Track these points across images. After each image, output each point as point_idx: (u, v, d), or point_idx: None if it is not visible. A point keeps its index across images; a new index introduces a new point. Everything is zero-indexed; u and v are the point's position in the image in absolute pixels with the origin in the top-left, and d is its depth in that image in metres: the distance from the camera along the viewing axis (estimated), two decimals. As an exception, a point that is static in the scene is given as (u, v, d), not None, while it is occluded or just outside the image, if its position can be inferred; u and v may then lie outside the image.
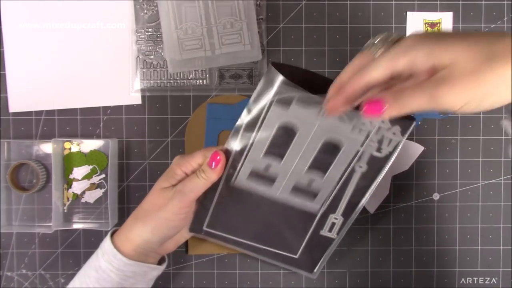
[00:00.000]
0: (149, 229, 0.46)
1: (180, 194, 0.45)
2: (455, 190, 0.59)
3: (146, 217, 0.46)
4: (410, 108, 0.34)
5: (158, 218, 0.46)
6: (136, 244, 0.46)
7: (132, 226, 0.47)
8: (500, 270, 0.60)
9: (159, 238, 0.47)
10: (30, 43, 0.57)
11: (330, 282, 0.60)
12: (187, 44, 0.56)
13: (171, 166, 0.47)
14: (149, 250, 0.48)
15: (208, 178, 0.45)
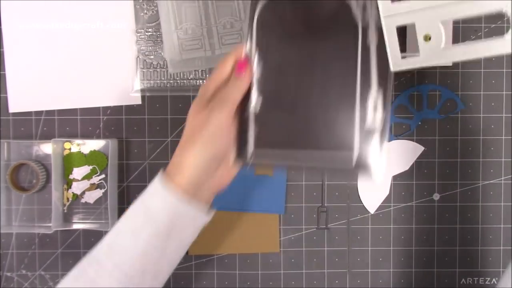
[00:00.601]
0: (197, 150, 0.43)
1: (218, 103, 0.43)
2: (455, 190, 0.59)
3: (191, 139, 0.44)
4: None
5: (203, 136, 0.43)
6: (189, 174, 0.43)
7: (180, 156, 0.44)
8: (500, 270, 0.60)
9: (209, 158, 0.44)
10: (30, 43, 0.57)
11: (331, 282, 0.60)
12: (187, 44, 0.56)
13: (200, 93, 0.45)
14: (203, 181, 0.44)
15: (240, 85, 0.44)
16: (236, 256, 0.59)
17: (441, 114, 0.59)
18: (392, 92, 0.58)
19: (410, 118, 0.59)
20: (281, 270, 0.60)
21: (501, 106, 0.59)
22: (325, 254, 0.60)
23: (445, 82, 0.59)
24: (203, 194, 0.45)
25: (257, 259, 0.59)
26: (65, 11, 0.57)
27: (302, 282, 0.60)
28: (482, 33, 0.58)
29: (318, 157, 0.45)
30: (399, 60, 0.42)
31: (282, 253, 0.60)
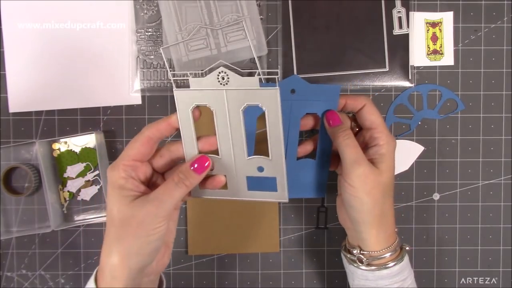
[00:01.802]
0: (130, 255, 0.39)
1: (154, 201, 0.39)
2: (455, 190, 0.59)
3: (120, 241, 0.39)
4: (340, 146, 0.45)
5: (135, 238, 0.39)
6: (124, 280, 0.39)
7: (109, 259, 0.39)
8: (500, 270, 0.60)
9: (146, 259, 0.40)
10: (30, 43, 0.57)
11: (330, 282, 0.60)
12: (192, 44, 0.56)
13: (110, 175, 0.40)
14: (139, 279, 0.41)
15: (190, 183, 0.40)
16: (236, 256, 0.60)
17: (441, 114, 0.59)
18: (392, 92, 0.59)
19: (410, 118, 0.59)
20: (281, 270, 0.60)
21: (501, 106, 0.59)
22: (325, 254, 0.60)
23: (445, 82, 0.59)
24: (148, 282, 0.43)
25: (257, 259, 0.59)
26: (65, 11, 0.57)
27: (302, 282, 0.60)
28: (482, 33, 0.58)
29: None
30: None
31: (282, 253, 0.60)
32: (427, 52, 0.58)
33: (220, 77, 0.40)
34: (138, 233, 0.39)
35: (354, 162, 0.44)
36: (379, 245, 0.46)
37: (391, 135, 0.47)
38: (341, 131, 0.46)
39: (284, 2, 0.57)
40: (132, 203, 0.39)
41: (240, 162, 0.42)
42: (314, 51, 0.57)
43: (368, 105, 0.47)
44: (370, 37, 0.57)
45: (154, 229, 0.39)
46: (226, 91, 0.40)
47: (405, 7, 0.57)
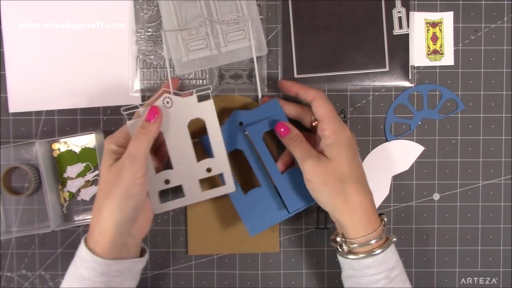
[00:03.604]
0: (114, 208, 0.45)
1: (128, 160, 0.45)
2: (455, 190, 0.59)
3: (106, 198, 0.45)
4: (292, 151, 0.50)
5: (117, 192, 0.45)
6: (110, 234, 0.45)
7: (98, 217, 0.46)
8: (500, 270, 0.60)
9: (129, 213, 0.45)
10: (30, 43, 0.57)
11: (330, 282, 0.60)
12: (192, 44, 0.56)
13: (105, 147, 0.48)
14: (125, 236, 0.47)
15: (149, 131, 0.46)
16: (236, 256, 0.60)
17: (441, 114, 0.59)
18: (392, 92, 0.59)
19: (410, 118, 0.59)
20: (281, 270, 0.60)
21: (501, 106, 0.59)
22: (325, 254, 0.60)
23: (445, 82, 0.59)
24: (129, 247, 0.48)
25: (257, 259, 0.59)
26: (65, 11, 0.57)
27: (302, 282, 0.60)
28: (482, 33, 0.58)
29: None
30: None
31: (282, 253, 0.60)
32: (427, 52, 0.58)
33: (165, 102, 0.49)
34: (119, 188, 0.45)
35: (302, 159, 0.48)
36: (358, 232, 0.47)
37: (341, 123, 0.49)
38: (289, 138, 0.50)
39: (284, 2, 0.57)
40: (113, 165, 0.46)
41: (192, 168, 0.50)
42: (314, 51, 0.57)
43: (317, 99, 0.50)
44: (370, 37, 0.57)
45: (133, 181, 0.45)
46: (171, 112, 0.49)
47: (405, 7, 0.57)
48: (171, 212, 0.59)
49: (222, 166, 0.50)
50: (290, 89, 0.53)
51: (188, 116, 0.49)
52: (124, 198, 0.45)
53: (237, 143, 0.53)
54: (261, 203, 0.54)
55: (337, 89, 0.58)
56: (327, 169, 0.47)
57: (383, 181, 0.59)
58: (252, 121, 0.53)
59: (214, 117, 0.49)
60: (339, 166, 0.47)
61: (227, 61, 0.56)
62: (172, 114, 0.49)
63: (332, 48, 0.57)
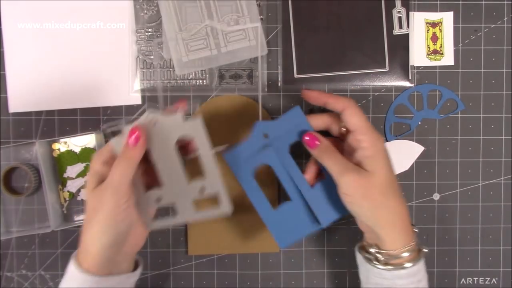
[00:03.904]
0: (99, 233, 0.43)
1: (109, 187, 0.43)
2: (455, 190, 0.59)
3: (90, 222, 0.44)
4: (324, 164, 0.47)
5: (100, 220, 0.43)
6: (97, 254, 0.44)
7: (85, 236, 0.45)
8: (500, 270, 0.60)
9: (113, 238, 0.44)
10: (30, 43, 0.57)
11: (330, 282, 0.60)
12: (192, 44, 0.56)
13: (90, 165, 0.46)
14: (114, 255, 0.45)
15: (131, 157, 0.43)
16: (236, 256, 0.59)
17: (441, 114, 0.59)
18: (392, 92, 0.59)
19: (410, 118, 0.59)
20: (281, 270, 0.60)
21: (501, 106, 0.59)
22: (325, 254, 0.60)
23: (445, 82, 0.59)
24: (120, 264, 0.47)
25: (257, 259, 0.59)
26: (65, 11, 0.57)
27: (302, 282, 0.60)
28: (482, 33, 0.58)
29: None
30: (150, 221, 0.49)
31: (282, 253, 0.60)
32: (427, 52, 0.58)
33: (149, 120, 0.45)
34: (102, 214, 0.43)
35: (340, 174, 0.45)
36: (396, 244, 0.46)
37: (377, 134, 0.46)
38: (319, 150, 0.47)
39: (284, 2, 0.57)
40: (97, 189, 0.44)
41: (184, 188, 0.47)
42: (314, 51, 0.57)
43: (349, 108, 0.47)
44: (370, 37, 0.57)
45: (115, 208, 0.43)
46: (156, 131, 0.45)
47: (405, 7, 0.57)
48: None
49: (216, 186, 0.47)
50: (318, 99, 0.49)
51: (174, 135, 0.46)
52: (107, 224, 0.43)
53: (264, 157, 0.50)
54: (292, 217, 0.51)
55: (337, 89, 0.58)
56: (369, 183, 0.45)
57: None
58: (277, 131, 0.50)
59: (204, 136, 0.46)
60: (381, 179, 0.45)
61: (227, 61, 0.56)
62: (157, 133, 0.45)
63: (332, 48, 0.57)
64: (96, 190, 0.44)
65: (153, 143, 0.45)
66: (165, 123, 0.45)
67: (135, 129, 0.43)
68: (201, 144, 0.46)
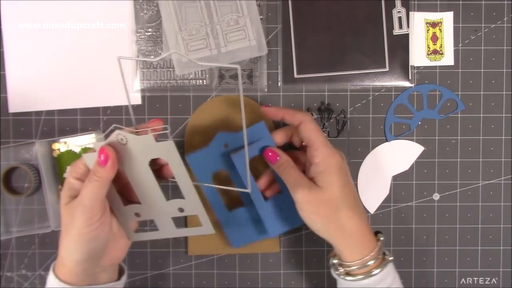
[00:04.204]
0: (71, 248, 0.43)
1: (80, 206, 0.42)
2: (455, 190, 0.59)
3: (64, 236, 0.44)
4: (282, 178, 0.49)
5: (72, 236, 0.43)
6: (73, 267, 0.44)
7: (60, 250, 0.44)
8: (500, 270, 0.60)
9: (86, 254, 0.43)
10: (30, 43, 0.57)
11: (330, 282, 0.60)
12: (192, 45, 0.56)
13: (65, 179, 0.45)
14: (91, 268, 0.45)
15: (101, 177, 0.41)
16: (236, 256, 0.59)
17: (441, 114, 0.59)
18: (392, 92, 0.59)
19: (410, 118, 0.59)
20: (281, 270, 0.60)
21: (501, 106, 0.59)
22: (325, 254, 0.60)
23: (445, 82, 0.59)
24: (100, 275, 0.46)
25: (257, 259, 0.59)
26: (65, 11, 0.57)
27: (302, 282, 0.60)
28: (482, 33, 0.58)
29: None
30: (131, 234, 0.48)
31: (282, 253, 0.60)
32: (427, 52, 0.58)
33: (119, 139, 0.43)
34: (74, 231, 0.43)
35: (294, 189, 0.47)
36: (354, 255, 0.47)
37: (330, 149, 0.47)
38: (278, 165, 0.49)
39: (284, 2, 0.57)
40: (69, 205, 0.43)
41: (162, 206, 0.46)
42: (314, 51, 0.57)
43: (304, 123, 0.48)
44: (370, 37, 0.57)
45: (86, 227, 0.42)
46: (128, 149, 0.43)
47: (405, 7, 0.57)
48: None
49: (195, 208, 0.47)
50: (275, 115, 0.50)
51: (147, 155, 0.43)
52: (79, 240, 0.43)
53: (222, 164, 0.53)
54: (245, 222, 0.55)
55: (337, 89, 0.58)
56: (319, 198, 0.46)
57: (383, 181, 0.59)
58: (238, 143, 0.52)
59: (177, 158, 0.43)
60: (331, 194, 0.46)
61: (227, 61, 0.56)
62: (129, 151, 0.43)
63: (332, 48, 0.57)
64: (69, 205, 0.43)
65: (125, 162, 0.44)
66: (136, 143, 0.43)
67: (104, 149, 0.42)
68: (176, 167, 0.44)
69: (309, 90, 0.58)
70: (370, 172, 0.59)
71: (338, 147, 0.49)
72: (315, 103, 0.58)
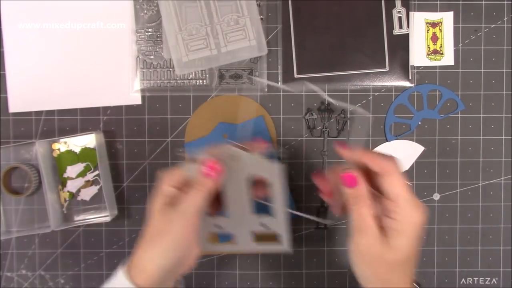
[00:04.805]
0: (159, 255, 0.43)
1: (181, 214, 0.43)
2: (455, 190, 0.59)
3: (153, 242, 0.44)
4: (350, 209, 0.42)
5: (165, 243, 0.43)
6: (154, 274, 0.44)
7: (142, 253, 0.44)
8: (500, 271, 0.60)
9: (172, 262, 0.44)
10: (30, 43, 0.57)
11: (330, 282, 0.60)
12: (192, 45, 0.56)
13: (160, 186, 0.45)
14: (172, 277, 0.45)
15: (206, 188, 0.43)
16: (236, 256, 0.59)
17: (441, 114, 0.59)
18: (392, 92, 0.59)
19: (410, 118, 0.59)
20: (281, 270, 0.60)
21: (501, 106, 0.59)
22: (325, 254, 0.60)
23: (445, 82, 0.59)
24: (168, 283, 0.46)
25: (257, 259, 0.59)
26: (65, 11, 0.57)
27: (302, 282, 0.60)
28: (482, 33, 0.58)
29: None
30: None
31: (282, 253, 0.60)
32: (427, 52, 0.58)
33: (230, 154, 0.46)
34: (167, 238, 0.43)
35: (359, 230, 0.41)
36: None
37: (415, 207, 0.40)
38: (354, 195, 0.42)
39: (284, 2, 0.57)
40: (166, 211, 0.44)
41: (246, 220, 0.48)
42: (314, 51, 0.57)
43: (389, 176, 0.41)
44: (370, 37, 0.57)
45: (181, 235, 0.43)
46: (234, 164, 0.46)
47: (405, 7, 0.57)
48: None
49: (279, 227, 0.48)
50: (352, 157, 0.43)
51: (251, 172, 0.46)
52: (172, 248, 0.43)
53: None
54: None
55: (337, 89, 0.58)
56: (384, 256, 0.40)
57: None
58: (237, 135, 0.54)
59: (281, 181, 0.46)
60: (398, 257, 0.41)
61: (227, 61, 0.56)
62: (235, 167, 0.46)
63: (332, 48, 0.57)
64: (165, 211, 0.44)
65: (228, 175, 0.46)
66: (244, 160, 0.46)
67: (214, 162, 0.44)
68: (276, 189, 0.46)
69: (309, 90, 0.58)
70: (370, 172, 0.59)
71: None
72: (315, 103, 0.59)
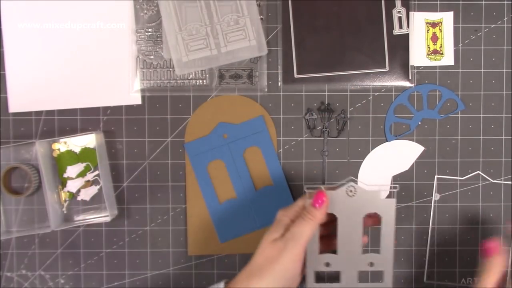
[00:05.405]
0: (267, 283, 0.45)
1: (291, 241, 0.45)
2: (455, 190, 0.59)
3: (261, 271, 0.46)
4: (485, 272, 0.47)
5: (275, 271, 0.45)
6: None
7: (247, 283, 0.46)
8: (500, 270, 0.60)
9: None
10: (30, 43, 0.57)
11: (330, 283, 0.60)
12: (192, 45, 0.56)
13: (277, 218, 0.48)
14: None
15: (314, 217, 0.46)
16: (236, 256, 0.59)
17: (441, 114, 0.59)
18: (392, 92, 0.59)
19: (410, 118, 0.59)
20: (281, 270, 0.60)
21: (501, 106, 0.59)
22: (325, 254, 0.60)
23: (445, 82, 0.59)
24: None
25: (257, 259, 0.59)
26: (65, 11, 0.57)
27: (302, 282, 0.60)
28: (482, 33, 0.58)
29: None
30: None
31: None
32: (427, 52, 0.58)
33: (349, 191, 0.49)
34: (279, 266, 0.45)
35: None
36: None
37: None
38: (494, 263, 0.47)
39: (284, 2, 0.57)
40: (277, 240, 0.46)
41: (355, 259, 0.50)
42: (314, 51, 0.57)
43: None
44: (370, 37, 0.57)
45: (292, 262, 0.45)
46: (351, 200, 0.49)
47: (405, 7, 0.57)
48: (171, 212, 0.59)
49: (386, 264, 0.50)
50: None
51: (367, 209, 0.49)
52: (280, 276, 0.45)
53: (219, 154, 0.57)
54: (234, 214, 0.57)
55: (337, 89, 0.58)
56: None
57: (383, 181, 0.59)
58: (238, 135, 0.56)
59: (392, 217, 0.49)
60: None
61: (227, 61, 0.56)
62: (352, 203, 0.49)
63: (332, 48, 0.57)
64: (277, 242, 0.46)
65: (343, 211, 0.49)
66: (363, 195, 0.48)
67: (322, 194, 0.47)
68: (386, 224, 0.49)
69: (309, 90, 0.58)
70: (370, 172, 0.59)
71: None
72: (315, 103, 0.59)
